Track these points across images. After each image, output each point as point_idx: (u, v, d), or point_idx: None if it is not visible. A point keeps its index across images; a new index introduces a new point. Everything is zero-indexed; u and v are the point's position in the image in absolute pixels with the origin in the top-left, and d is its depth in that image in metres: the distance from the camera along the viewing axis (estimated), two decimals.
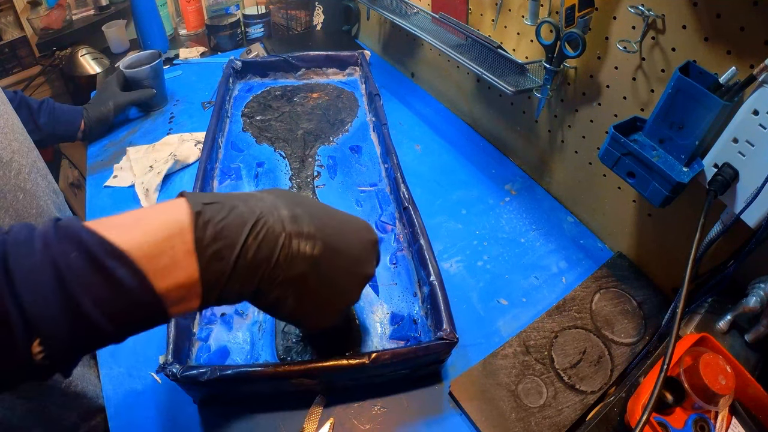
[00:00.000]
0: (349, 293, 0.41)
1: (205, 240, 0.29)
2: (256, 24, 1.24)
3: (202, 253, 0.29)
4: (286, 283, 0.34)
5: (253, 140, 0.85)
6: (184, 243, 0.29)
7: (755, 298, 0.47)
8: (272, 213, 0.33)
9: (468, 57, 0.70)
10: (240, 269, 0.31)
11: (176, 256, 0.28)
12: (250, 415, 0.49)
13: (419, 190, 0.74)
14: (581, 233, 0.71)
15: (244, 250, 0.31)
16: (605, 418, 0.47)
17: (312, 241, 0.34)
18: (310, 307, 0.37)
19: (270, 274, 0.32)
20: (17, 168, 0.53)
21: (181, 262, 0.29)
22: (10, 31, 1.26)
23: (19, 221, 0.51)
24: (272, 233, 0.32)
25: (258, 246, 0.31)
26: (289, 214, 0.34)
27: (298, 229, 0.34)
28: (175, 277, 0.28)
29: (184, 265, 0.29)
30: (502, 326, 0.58)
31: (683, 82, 0.45)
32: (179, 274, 0.28)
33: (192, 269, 0.29)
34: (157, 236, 0.28)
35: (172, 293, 0.28)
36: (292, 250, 0.33)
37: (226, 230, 0.30)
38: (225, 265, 0.30)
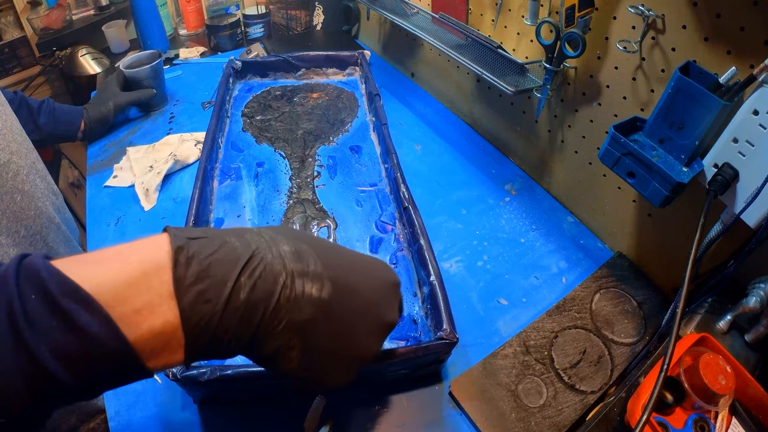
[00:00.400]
0: (367, 345, 0.34)
1: (187, 279, 0.25)
2: (256, 24, 1.24)
3: (182, 295, 0.25)
4: (290, 330, 0.28)
5: (253, 140, 0.85)
6: (162, 283, 0.25)
7: (755, 298, 0.47)
8: (271, 248, 0.29)
9: (468, 57, 0.70)
10: (231, 312, 0.26)
11: (152, 299, 0.24)
12: (250, 415, 0.49)
13: (419, 190, 0.74)
14: (581, 233, 0.71)
15: (235, 291, 0.26)
16: (605, 418, 0.47)
17: (320, 281, 0.29)
18: (320, 360, 0.31)
19: (270, 319, 0.27)
20: (15, 169, 0.52)
21: (158, 305, 0.24)
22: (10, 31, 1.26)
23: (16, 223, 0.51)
24: (270, 271, 0.28)
25: (253, 286, 0.27)
26: (292, 250, 0.29)
27: (303, 268, 0.29)
28: (150, 323, 0.24)
29: (161, 310, 0.24)
30: (502, 326, 0.58)
31: (683, 82, 0.45)
32: (155, 320, 0.24)
33: (171, 314, 0.25)
34: (130, 276, 0.24)
35: (147, 343, 0.24)
36: (296, 292, 0.28)
37: (213, 267, 0.26)
38: (212, 308, 0.25)
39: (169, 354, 0.25)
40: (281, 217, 0.69)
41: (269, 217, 0.69)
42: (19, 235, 0.52)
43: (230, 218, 0.69)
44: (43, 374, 0.22)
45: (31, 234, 0.54)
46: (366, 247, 0.65)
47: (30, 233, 0.54)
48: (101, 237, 0.69)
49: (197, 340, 0.26)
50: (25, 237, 0.53)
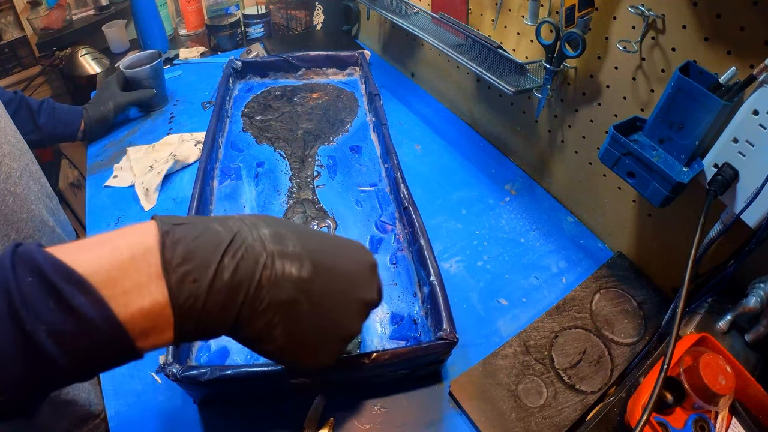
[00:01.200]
0: (348, 322, 0.35)
1: (174, 260, 0.26)
2: (256, 24, 1.24)
3: (170, 275, 0.26)
4: (272, 309, 0.29)
5: (253, 140, 0.85)
6: (150, 265, 0.26)
7: (755, 298, 0.47)
8: (251, 231, 0.30)
9: (468, 57, 0.70)
10: (216, 292, 0.27)
11: (141, 280, 0.25)
12: (250, 415, 0.49)
13: (419, 190, 0.74)
14: (581, 233, 0.71)
15: (219, 270, 0.27)
16: (605, 418, 0.47)
17: (299, 261, 0.31)
18: (304, 340, 0.32)
19: (252, 298, 0.29)
20: (7, 172, 0.52)
21: (146, 285, 0.25)
22: (10, 31, 1.26)
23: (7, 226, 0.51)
24: (252, 252, 0.29)
25: (236, 266, 0.28)
26: (271, 233, 0.31)
27: (282, 249, 0.30)
28: (140, 303, 0.25)
29: (150, 289, 0.26)
30: (502, 326, 0.58)
31: (683, 82, 0.45)
32: (144, 299, 0.25)
33: (159, 293, 0.26)
34: (120, 259, 0.25)
35: (137, 322, 0.25)
36: (276, 272, 0.29)
37: (198, 250, 0.27)
38: (198, 287, 0.27)
39: (159, 333, 0.26)
40: (281, 217, 0.69)
41: None
42: (9, 238, 0.51)
43: None
44: (39, 354, 0.23)
45: (23, 237, 0.53)
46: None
47: (22, 236, 0.53)
48: None
49: (185, 319, 0.27)
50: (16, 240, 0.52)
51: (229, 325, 0.29)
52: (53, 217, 0.62)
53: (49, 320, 0.23)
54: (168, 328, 0.26)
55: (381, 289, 0.38)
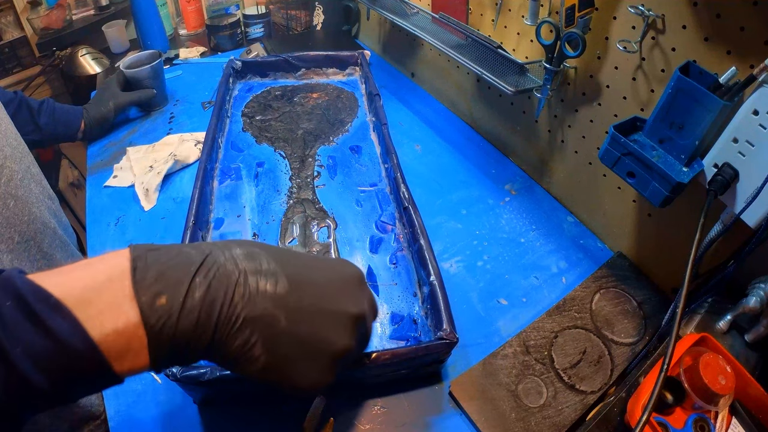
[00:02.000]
0: (333, 336, 0.33)
1: (146, 281, 0.27)
2: (256, 24, 1.24)
3: (141, 295, 0.26)
4: (248, 327, 0.29)
5: (253, 140, 0.85)
6: (124, 287, 0.26)
7: (755, 298, 0.47)
8: (223, 252, 0.30)
9: (468, 57, 0.70)
10: (189, 311, 0.27)
11: (114, 301, 0.26)
12: (250, 415, 0.49)
13: (419, 190, 0.74)
14: (581, 233, 0.71)
15: (191, 290, 0.27)
16: (605, 418, 0.47)
17: (273, 277, 0.30)
18: (286, 357, 0.31)
19: (227, 316, 0.28)
20: (9, 174, 0.52)
21: (119, 306, 0.26)
22: (10, 31, 1.26)
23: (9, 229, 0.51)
24: (223, 270, 0.29)
25: (208, 285, 0.28)
26: (244, 252, 0.30)
27: (255, 266, 0.30)
28: (113, 323, 0.25)
29: (123, 309, 0.26)
30: (502, 326, 0.58)
31: (683, 82, 0.45)
32: (117, 320, 0.26)
33: (132, 313, 0.26)
34: (96, 281, 0.26)
35: (111, 343, 0.25)
36: (250, 288, 0.29)
37: (170, 271, 0.27)
38: (170, 307, 0.27)
39: (134, 356, 0.26)
40: (281, 217, 0.69)
41: (269, 217, 0.69)
42: (13, 241, 0.51)
43: (230, 218, 0.69)
44: (17, 377, 0.23)
45: (25, 240, 0.53)
46: (366, 247, 0.65)
47: (24, 239, 0.53)
48: (101, 237, 0.69)
49: (159, 341, 0.27)
50: (19, 243, 0.52)
51: (205, 346, 0.28)
52: (55, 218, 0.62)
53: (26, 341, 0.24)
54: (142, 350, 0.26)
55: (373, 301, 0.37)
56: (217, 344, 0.29)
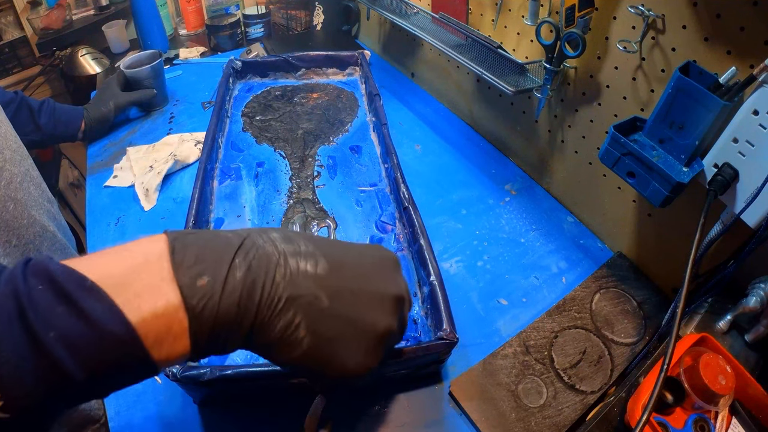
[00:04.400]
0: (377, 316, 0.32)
1: (186, 262, 0.26)
2: (256, 24, 1.24)
3: (181, 275, 0.25)
4: (291, 307, 0.28)
5: (253, 140, 0.85)
6: (162, 268, 0.25)
7: (755, 298, 0.47)
8: (261, 235, 0.30)
9: (468, 57, 0.70)
10: (231, 291, 0.26)
11: (152, 283, 0.25)
12: (250, 415, 0.49)
13: (419, 190, 0.74)
14: (581, 233, 0.71)
15: (231, 270, 0.27)
16: (605, 418, 0.47)
17: (313, 258, 0.30)
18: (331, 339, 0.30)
19: (269, 298, 0.27)
20: (8, 177, 0.52)
21: (159, 287, 0.25)
22: (10, 31, 1.26)
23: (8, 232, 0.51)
24: (263, 252, 0.28)
25: (249, 265, 0.27)
26: (281, 235, 0.30)
27: (294, 248, 0.30)
28: (152, 306, 0.24)
29: (162, 291, 0.25)
30: (502, 326, 0.58)
31: (683, 82, 0.45)
32: (157, 302, 0.25)
33: (172, 294, 0.25)
34: (132, 265, 0.25)
35: (150, 327, 0.24)
36: (290, 268, 0.29)
37: (209, 252, 0.27)
38: (212, 287, 0.26)
39: (173, 341, 0.25)
40: (281, 217, 0.69)
41: (269, 217, 0.69)
42: (11, 244, 0.51)
43: (230, 218, 0.69)
44: (50, 364, 0.22)
45: (24, 243, 0.53)
46: None
47: (22, 242, 0.53)
48: (101, 237, 0.69)
49: (200, 323, 0.26)
50: (17, 246, 0.52)
51: (247, 329, 0.27)
52: (54, 222, 0.62)
53: (59, 325, 0.23)
54: (182, 334, 0.25)
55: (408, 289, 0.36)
56: (259, 327, 0.28)
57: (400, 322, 0.35)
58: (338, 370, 0.31)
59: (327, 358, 0.30)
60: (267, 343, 0.29)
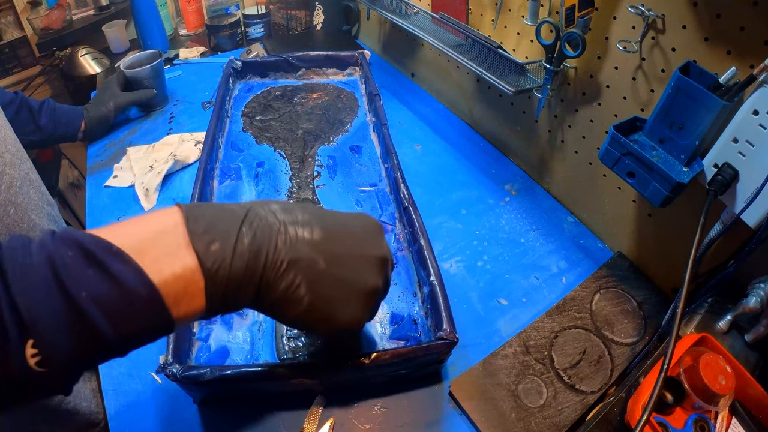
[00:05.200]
0: (367, 275, 0.37)
1: (198, 231, 0.29)
2: (256, 24, 1.24)
3: (197, 243, 0.29)
4: (292, 269, 0.32)
5: (253, 140, 0.85)
6: (178, 236, 0.29)
7: (755, 298, 0.47)
8: (262, 207, 0.34)
9: (468, 57, 0.70)
10: (239, 255, 0.30)
11: (171, 249, 0.28)
12: (250, 415, 0.49)
13: (419, 190, 0.74)
14: (581, 233, 0.71)
15: (239, 238, 0.30)
16: (605, 418, 0.47)
17: (309, 226, 0.34)
18: (328, 295, 0.35)
19: (273, 261, 0.31)
20: (8, 181, 0.51)
21: (177, 253, 0.28)
22: (10, 31, 1.26)
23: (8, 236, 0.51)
24: (265, 222, 0.32)
25: (254, 234, 0.31)
26: (280, 207, 0.35)
27: (292, 218, 0.34)
28: (172, 268, 0.28)
29: (180, 256, 0.28)
30: (502, 326, 0.58)
31: (683, 82, 0.45)
32: (176, 265, 0.28)
33: (189, 259, 0.28)
34: (153, 231, 0.29)
35: (170, 287, 0.27)
36: (290, 235, 0.33)
37: (218, 222, 0.31)
38: (223, 252, 0.29)
39: (190, 299, 0.28)
40: None
41: None
42: None
43: None
44: (84, 322, 0.25)
45: None
46: None
47: None
48: None
49: (214, 284, 0.29)
50: None
51: (254, 290, 0.31)
52: (54, 225, 0.62)
53: (91, 286, 0.25)
54: (199, 294, 0.29)
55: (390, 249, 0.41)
56: (265, 287, 0.32)
57: (384, 280, 0.40)
58: (335, 324, 0.36)
59: (325, 314, 0.35)
60: (272, 301, 0.33)
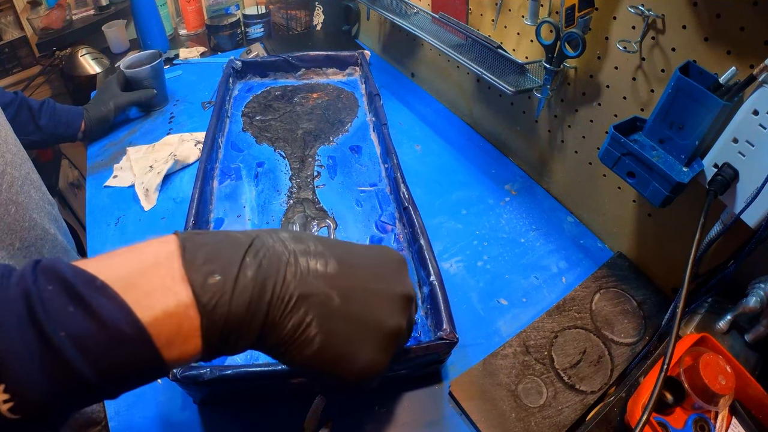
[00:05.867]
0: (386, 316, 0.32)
1: (197, 261, 0.26)
2: (256, 24, 1.24)
3: (193, 273, 0.25)
4: (303, 305, 0.28)
5: (253, 140, 0.85)
6: (173, 269, 0.25)
7: (755, 298, 0.47)
8: (270, 235, 0.30)
9: (468, 57, 0.70)
10: (242, 289, 0.26)
11: (164, 282, 0.25)
12: (250, 415, 0.49)
13: (419, 190, 0.74)
14: (581, 233, 0.71)
15: (242, 269, 0.27)
16: (605, 418, 0.47)
17: (323, 258, 0.30)
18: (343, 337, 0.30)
19: (280, 295, 0.27)
20: (9, 181, 0.52)
21: (170, 287, 0.25)
22: (10, 31, 1.26)
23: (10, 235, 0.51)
24: (273, 251, 0.29)
25: (259, 264, 0.27)
26: (290, 236, 0.31)
27: (304, 248, 0.30)
28: (164, 305, 0.24)
29: (173, 290, 0.25)
30: (502, 326, 0.58)
31: (683, 82, 0.45)
32: (168, 301, 0.25)
33: (184, 294, 0.25)
34: (145, 264, 0.25)
35: (161, 326, 0.24)
36: (301, 267, 0.29)
37: (220, 251, 0.27)
38: (223, 285, 0.26)
39: (184, 340, 0.25)
40: (281, 217, 0.69)
41: (269, 217, 0.69)
42: (14, 247, 0.51)
43: (230, 218, 0.69)
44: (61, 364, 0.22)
45: (26, 246, 0.53)
46: None
47: (25, 245, 0.53)
48: (101, 237, 0.69)
49: (211, 322, 0.26)
50: (20, 249, 0.52)
51: (258, 328, 0.27)
52: (55, 224, 0.62)
53: (70, 325, 0.22)
54: (194, 334, 0.25)
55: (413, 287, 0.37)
56: (271, 326, 0.28)
57: (408, 321, 0.35)
58: (349, 370, 0.31)
59: (338, 357, 0.30)
60: (278, 342, 0.28)
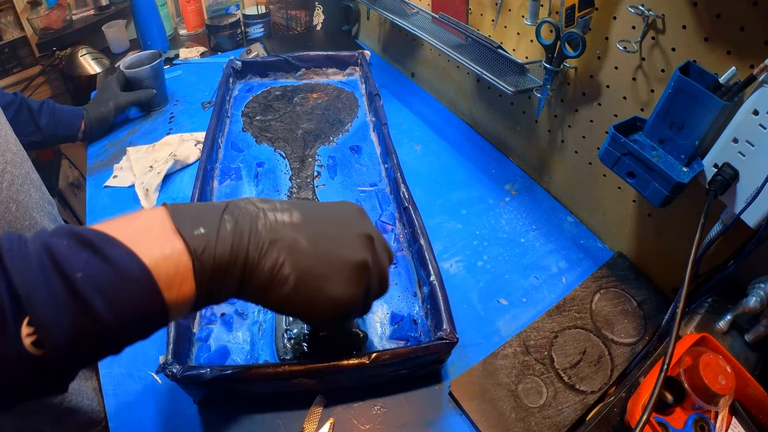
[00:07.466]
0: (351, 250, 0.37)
1: (184, 221, 0.31)
2: (256, 24, 1.24)
3: (183, 229, 0.31)
4: (275, 249, 0.33)
5: (253, 140, 0.85)
6: (165, 227, 0.31)
7: (755, 298, 0.47)
8: (242, 200, 0.36)
9: (468, 57, 0.70)
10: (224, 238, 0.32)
11: (159, 236, 0.30)
12: (250, 415, 0.49)
13: (419, 190, 0.74)
14: (581, 233, 0.71)
15: (222, 224, 0.32)
16: (605, 418, 0.47)
17: (288, 211, 0.36)
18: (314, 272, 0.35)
19: (255, 242, 0.33)
20: (10, 179, 0.52)
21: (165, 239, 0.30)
22: (10, 31, 1.26)
23: None
24: (246, 210, 0.34)
25: (235, 221, 0.33)
26: (259, 199, 0.37)
27: (271, 206, 0.36)
28: (161, 250, 0.29)
29: (168, 240, 0.30)
30: (502, 326, 0.58)
31: (683, 82, 0.45)
32: (165, 248, 0.30)
33: (176, 242, 0.30)
34: (138, 226, 0.30)
35: (161, 267, 0.29)
36: (270, 219, 0.34)
37: (201, 213, 0.33)
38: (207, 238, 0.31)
39: (181, 282, 0.30)
40: None
41: None
42: None
43: None
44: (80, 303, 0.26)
45: None
46: None
47: None
48: None
49: (202, 264, 0.30)
50: None
51: (240, 270, 0.32)
52: (54, 223, 0.62)
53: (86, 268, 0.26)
54: (188, 276, 0.30)
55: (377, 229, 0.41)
56: (251, 269, 0.33)
57: (374, 257, 0.39)
58: (325, 303, 0.36)
59: (313, 292, 0.35)
60: (259, 284, 0.34)
